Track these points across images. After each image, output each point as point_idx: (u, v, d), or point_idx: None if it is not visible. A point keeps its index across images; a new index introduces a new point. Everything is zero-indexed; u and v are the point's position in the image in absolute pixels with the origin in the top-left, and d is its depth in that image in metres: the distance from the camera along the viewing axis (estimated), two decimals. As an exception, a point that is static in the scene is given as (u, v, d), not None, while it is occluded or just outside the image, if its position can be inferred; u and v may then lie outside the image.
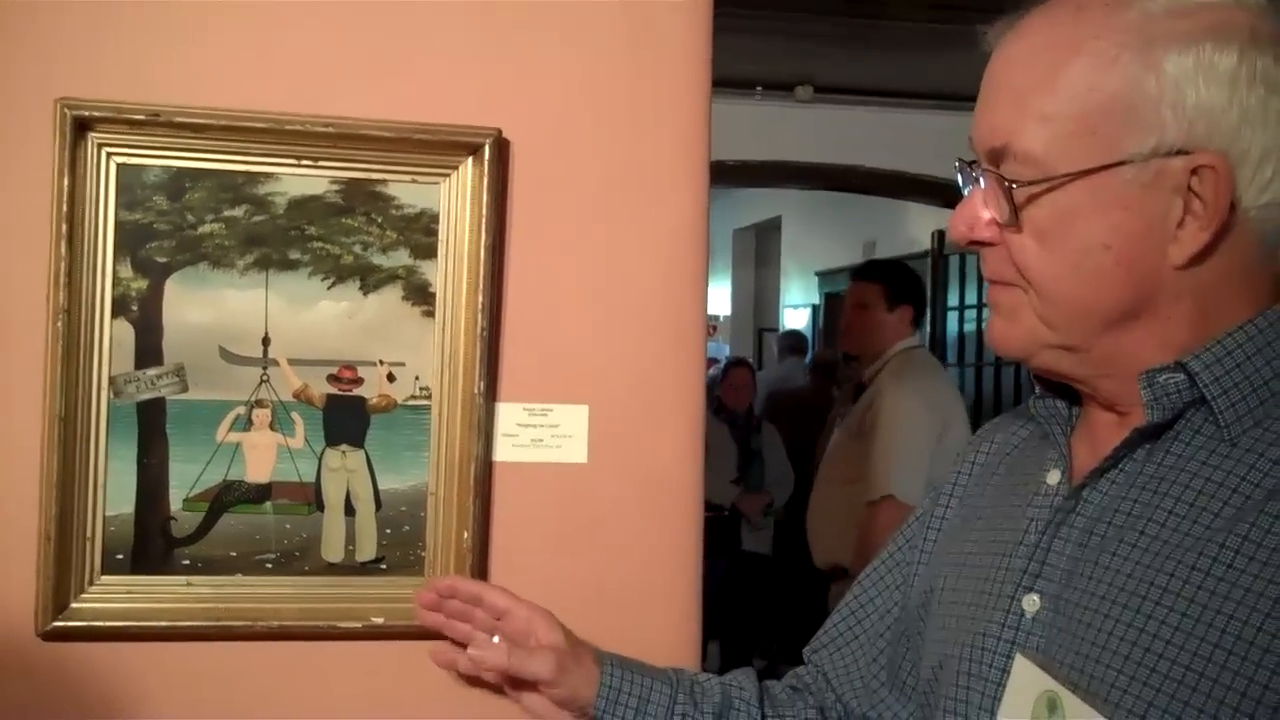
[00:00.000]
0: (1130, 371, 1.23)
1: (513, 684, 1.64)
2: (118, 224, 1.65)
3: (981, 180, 1.26)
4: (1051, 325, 1.25)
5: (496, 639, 1.62)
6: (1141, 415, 1.23)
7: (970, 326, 9.85)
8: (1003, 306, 1.29)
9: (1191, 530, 1.16)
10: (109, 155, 1.64)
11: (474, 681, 1.69)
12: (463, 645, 1.66)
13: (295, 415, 1.71)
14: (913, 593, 1.54)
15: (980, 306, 9.53)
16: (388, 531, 1.73)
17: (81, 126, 1.61)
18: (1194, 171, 1.17)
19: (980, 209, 1.26)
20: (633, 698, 1.59)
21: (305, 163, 1.68)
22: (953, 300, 10.05)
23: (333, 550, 1.72)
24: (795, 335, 11.32)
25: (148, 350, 1.67)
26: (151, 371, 1.67)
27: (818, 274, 12.63)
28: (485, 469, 1.74)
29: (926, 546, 1.55)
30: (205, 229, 1.67)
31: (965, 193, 1.30)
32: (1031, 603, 1.27)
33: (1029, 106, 1.21)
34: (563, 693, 1.59)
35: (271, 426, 1.71)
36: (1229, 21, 1.18)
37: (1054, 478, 1.34)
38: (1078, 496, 1.28)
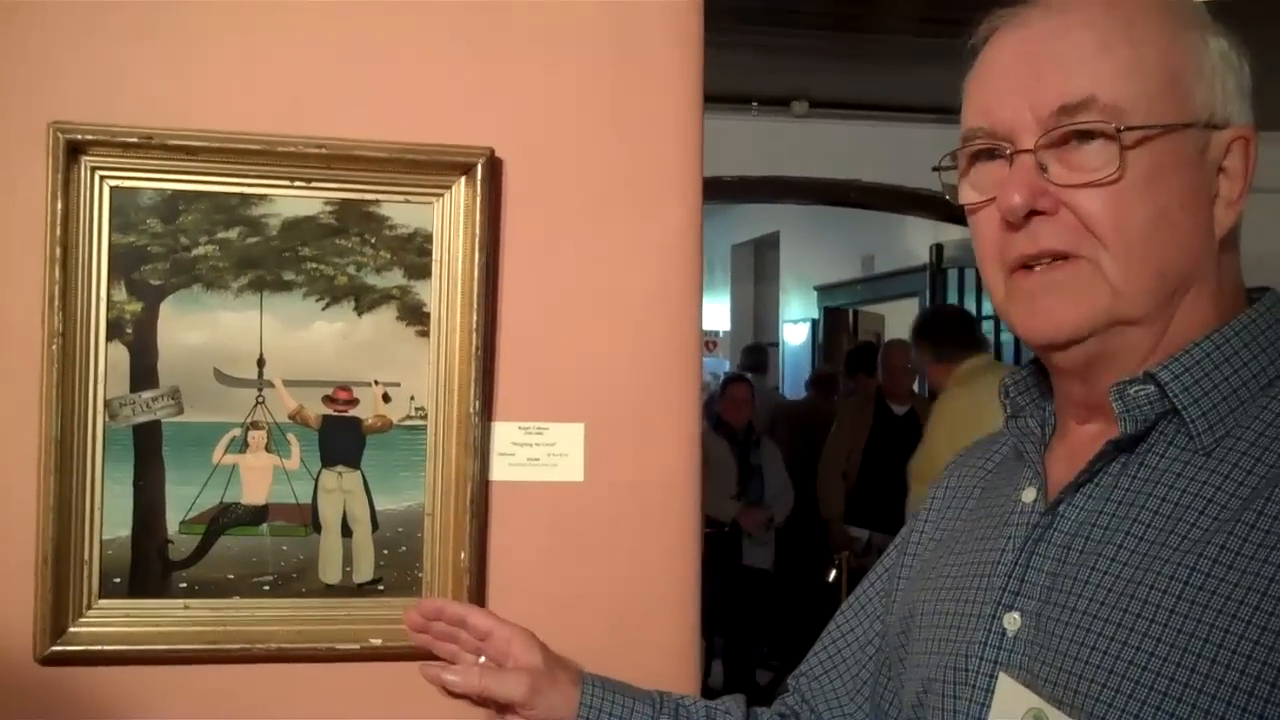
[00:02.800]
0: (1163, 354, 1.24)
1: (496, 706, 1.63)
2: (111, 247, 1.65)
3: (1032, 150, 1.23)
4: (1124, 292, 1.22)
5: (482, 659, 1.63)
6: (1117, 428, 1.24)
7: (970, 340, 9.84)
8: (1061, 284, 1.23)
9: (1169, 541, 1.16)
10: (102, 178, 1.64)
11: (471, 703, 1.69)
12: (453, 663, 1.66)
13: (291, 437, 1.71)
14: (892, 620, 1.53)
15: (979, 320, 9.55)
16: (385, 552, 1.73)
17: (75, 150, 1.61)
18: (1228, 147, 1.24)
19: (1036, 176, 1.22)
20: (613, 718, 1.59)
21: (298, 184, 1.69)
22: (951, 313, 10.04)
23: (330, 572, 1.72)
24: (756, 351, 11.07)
25: (143, 373, 1.67)
26: (147, 394, 1.67)
27: (817, 288, 12.65)
28: (482, 488, 1.73)
29: (904, 574, 1.55)
30: (199, 251, 1.67)
31: (1009, 164, 1.25)
32: (1012, 621, 1.27)
33: (1107, 62, 1.21)
34: (538, 714, 1.58)
35: (267, 448, 1.71)
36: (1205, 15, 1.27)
37: (1029, 495, 1.34)
38: (1054, 512, 1.28)
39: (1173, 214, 1.22)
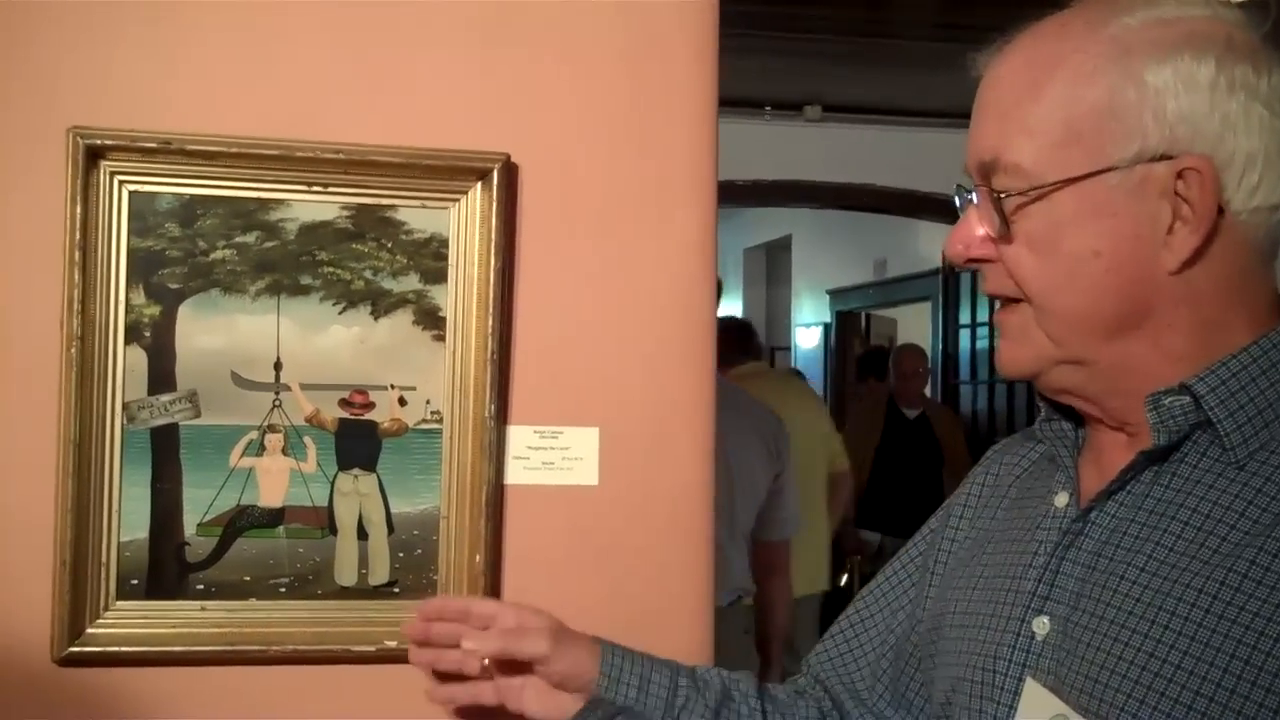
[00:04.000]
0: (1138, 387, 1.23)
1: (511, 669, 1.59)
2: (130, 251, 1.66)
3: (975, 198, 1.28)
4: (1056, 339, 1.25)
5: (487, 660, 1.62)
6: (1148, 437, 1.23)
7: (982, 344, 9.83)
8: (1010, 327, 1.29)
9: (1199, 554, 1.16)
10: (121, 183, 1.65)
11: (486, 707, 1.70)
12: (456, 678, 1.64)
13: (307, 440, 1.72)
14: (924, 615, 1.53)
15: (992, 324, 9.53)
16: (400, 555, 1.74)
17: (94, 155, 1.63)
18: (1180, 176, 1.18)
19: (975, 226, 1.28)
20: (635, 676, 1.56)
21: (316, 189, 1.70)
22: (964, 318, 10.04)
23: (346, 574, 1.73)
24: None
25: (161, 376, 1.68)
26: (165, 397, 1.68)
27: (829, 292, 12.63)
28: (497, 492, 1.74)
29: (937, 569, 1.54)
30: (217, 255, 1.68)
31: (961, 214, 1.31)
32: (1041, 625, 1.27)
33: (1014, 119, 1.23)
34: (563, 667, 1.54)
35: (284, 451, 1.72)
36: (1206, 32, 1.20)
37: (1062, 500, 1.33)
38: (1085, 519, 1.27)
39: (1085, 263, 1.21)
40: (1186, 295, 1.22)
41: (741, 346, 5.64)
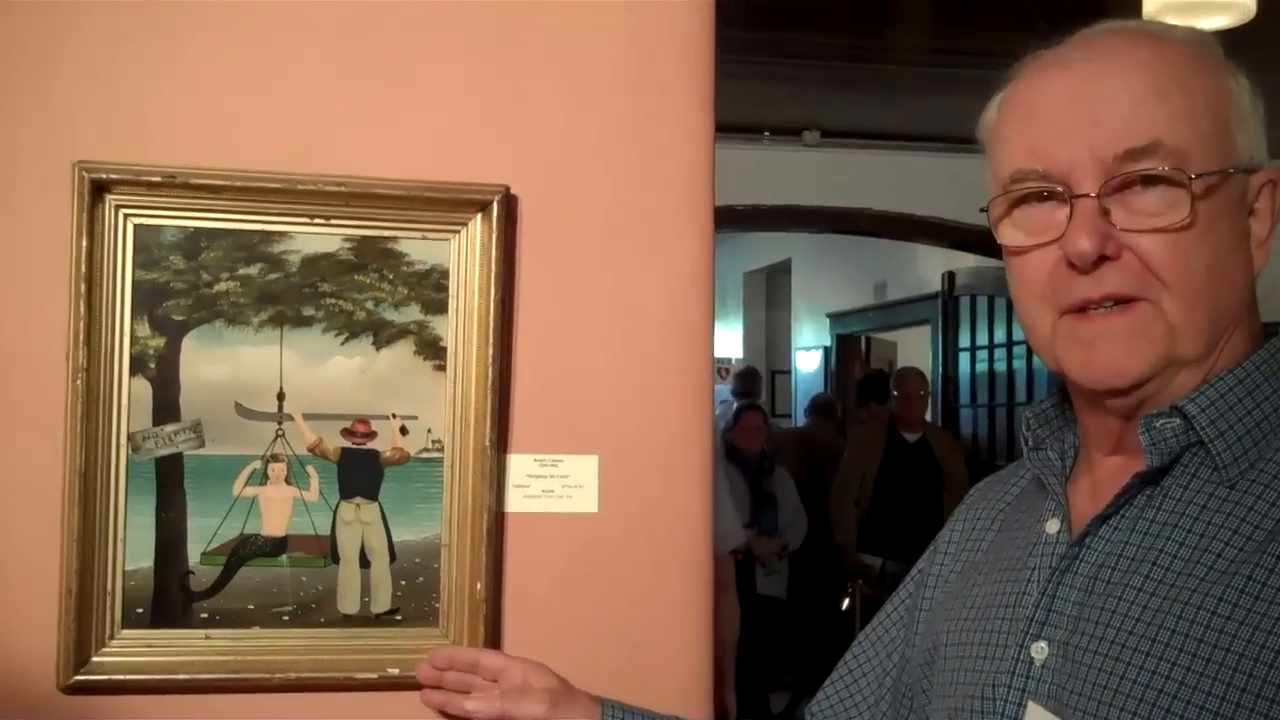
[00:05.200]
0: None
1: None
2: (135, 283, 1.68)
3: (1092, 195, 1.22)
4: (1182, 334, 1.23)
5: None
6: (1142, 460, 1.25)
7: (982, 367, 9.85)
8: (1124, 330, 1.24)
9: (1195, 572, 1.17)
10: (126, 216, 1.67)
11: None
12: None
13: (310, 469, 1.74)
14: (914, 651, 1.53)
15: (992, 347, 9.55)
16: (402, 583, 1.75)
17: (99, 189, 1.65)
18: (1263, 186, 1.26)
19: (1101, 221, 1.22)
20: None
21: (318, 221, 1.72)
22: (964, 341, 10.05)
23: (348, 602, 1.74)
24: (748, 377, 10.78)
25: (165, 407, 1.70)
26: (169, 428, 1.70)
27: (829, 316, 12.64)
28: (497, 520, 1.75)
29: (924, 605, 1.55)
30: (221, 287, 1.70)
31: (1072, 215, 1.24)
32: (1040, 650, 1.27)
33: (1170, 106, 1.22)
34: None
35: (287, 480, 1.73)
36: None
37: (1053, 526, 1.34)
38: (1081, 544, 1.28)
39: (1224, 257, 1.23)
40: (1250, 304, 1.28)
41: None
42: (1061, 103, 1.25)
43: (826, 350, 12.71)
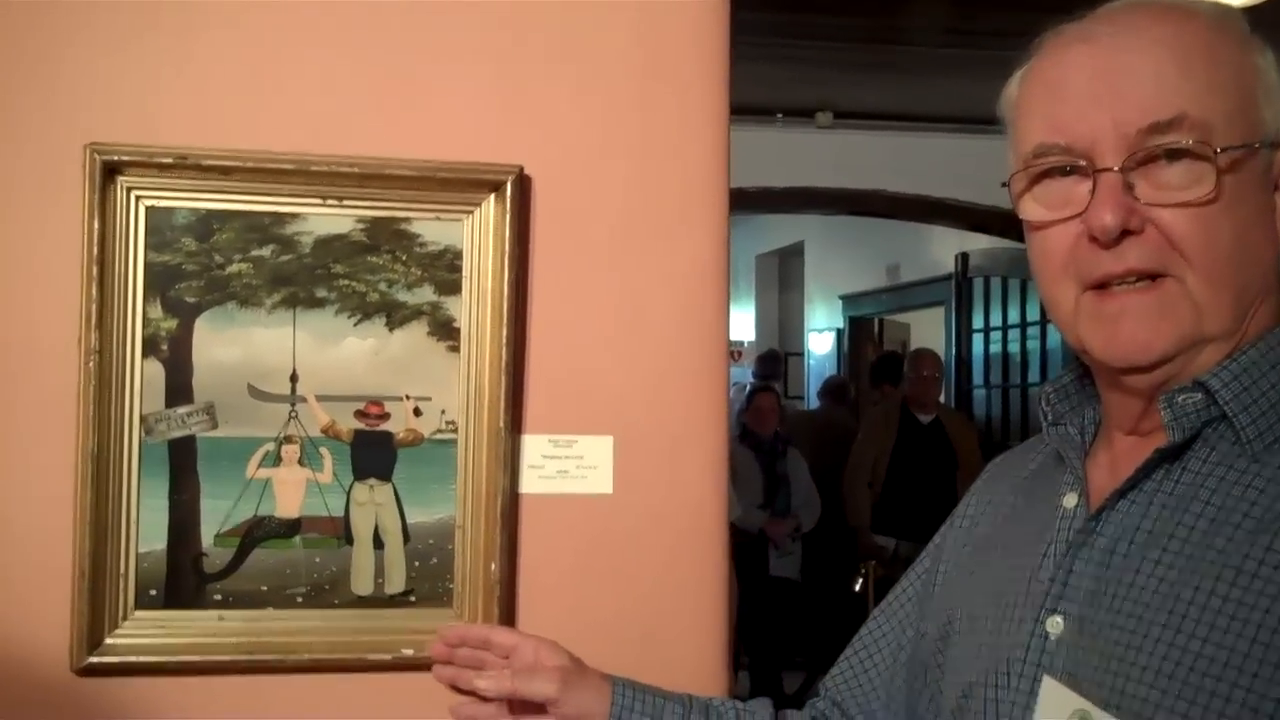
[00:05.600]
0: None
1: (525, 714, 1.64)
2: (147, 265, 1.68)
3: (1118, 169, 1.22)
4: (1208, 311, 1.22)
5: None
6: (1163, 436, 1.24)
7: (995, 348, 9.84)
8: (1148, 306, 1.23)
9: (1214, 544, 1.16)
10: (138, 198, 1.67)
11: (503, 711, 1.71)
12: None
13: (323, 451, 1.73)
14: (929, 625, 1.53)
15: (1005, 328, 9.54)
16: (416, 564, 1.75)
17: (111, 171, 1.64)
18: None
19: (1125, 195, 1.21)
20: (645, 717, 1.59)
21: (331, 202, 1.71)
22: (978, 323, 10.03)
23: (362, 583, 1.74)
24: (770, 360, 10.85)
25: (178, 389, 1.69)
26: (182, 410, 1.70)
27: (842, 298, 12.62)
28: (511, 501, 1.75)
29: (939, 580, 1.55)
30: (233, 269, 1.70)
31: (1095, 189, 1.23)
32: (1055, 624, 1.27)
33: (1196, 79, 1.21)
34: (570, 710, 1.59)
35: (300, 462, 1.73)
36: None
37: (1071, 500, 1.33)
38: (1098, 518, 1.28)
39: (1249, 232, 1.23)
40: (1276, 280, 1.27)
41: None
42: (1084, 76, 1.25)
43: (839, 332, 12.70)
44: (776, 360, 10.84)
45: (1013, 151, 1.33)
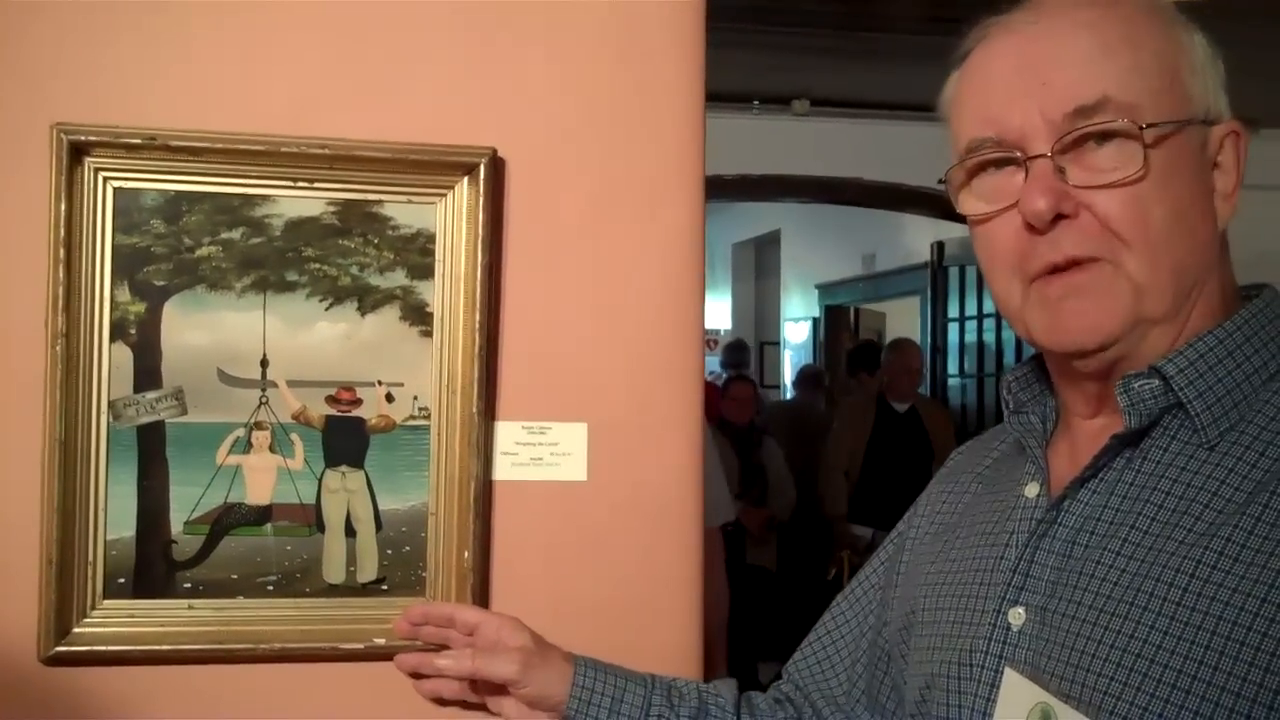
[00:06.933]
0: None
1: (489, 690, 1.65)
2: (115, 248, 1.65)
3: (1049, 155, 1.22)
4: (1148, 291, 1.22)
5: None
6: (1120, 422, 1.24)
7: (971, 337, 9.86)
8: (1086, 287, 1.23)
9: (1174, 535, 1.17)
10: (105, 179, 1.64)
11: (463, 704, 1.70)
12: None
13: (294, 437, 1.72)
14: (892, 614, 1.54)
15: (981, 317, 9.56)
16: (389, 552, 1.73)
17: (78, 151, 1.62)
18: (1222, 140, 1.26)
19: (1056, 180, 1.22)
20: (606, 698, 1.60)
21: (301, 184, 1.69)
22: (953, 311, 10.06)
23: (334, 571, 1.72)
24: (737, 349, 10.76)
25: (146, 373, 1.67)
26: (150, 395, 1.68)
27: (818, 287, 12.64)
28: (485, 488, 1.74)
29: (902, 568, 1.56)
30: (202, 252, 1.68)
31: (1028, 176, 1.24)
32: (1017, 616, 1.27)
33: (1119, 62, 1.22)
34: (532, 691, 1.60)
35: (271, 448, 1.71)
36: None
37: (1032, 490, 1.34)
38: (1059, 507, 1.28)
39: (1185, 210, 1.23)
40: (1219, 259, 1.28)
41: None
42: (1009, 68, 1.26)
43: (815, 321, 12.72)
44: (743, 350, 10.83)
45: (951, 150, 1.35)
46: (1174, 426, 1.23)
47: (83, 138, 1.62)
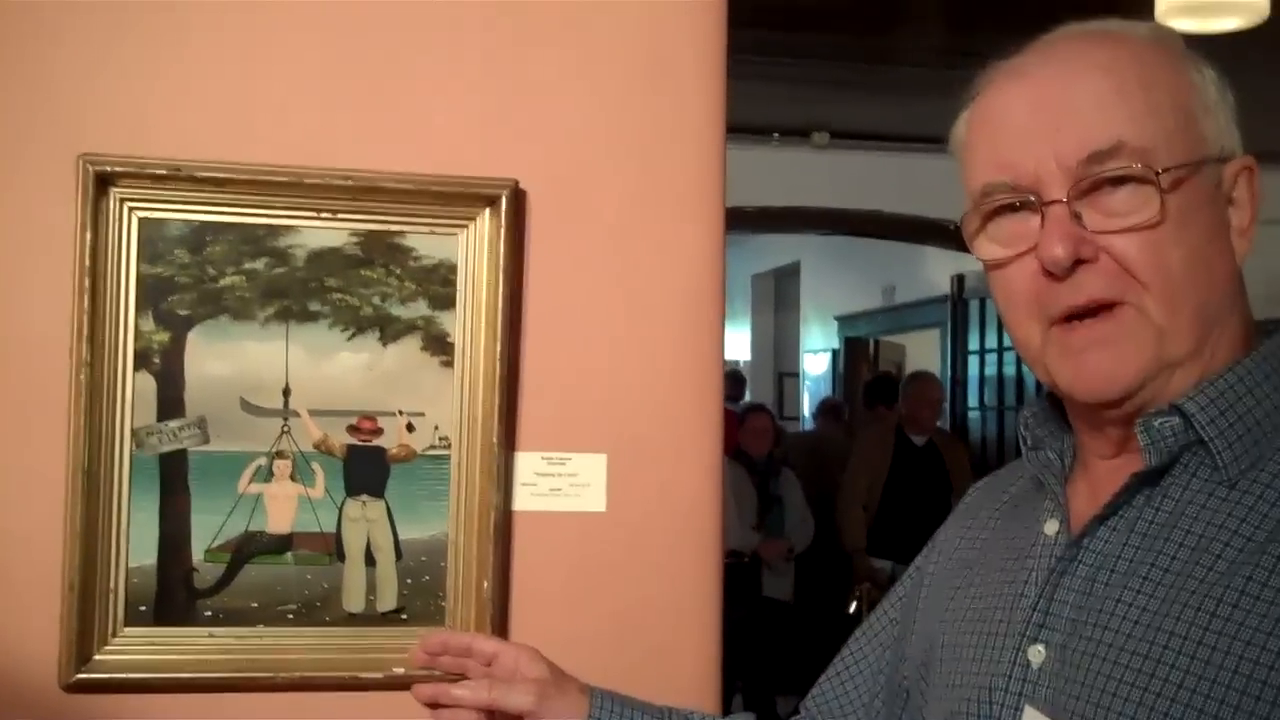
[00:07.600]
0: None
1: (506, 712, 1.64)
2: (140, 278, 1.66)
3: (1064, 200, 1.21)
4: (1169, 334, 1.21)
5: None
6: (1140, 460, 1.24)
7: (991, 370, 9.84)
8: (1109, 338, 1.22)
9: (1194, 573, 1.16)
10: (131, 210, 1.66)
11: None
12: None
13: (316, 466, 1.72)
14: (911, 649, 1.52)
15: (1001, 350, 9.54)
16: (408, 581, 1.74)
17: (104, 181, 1.63)
18: (1239, 174, 1.25)
19: (1073, 226, 1.21)
20: None
21: (325, 215, 1.70)
22: (973, 344, 10.04)
23: (354, 600, 1.73)
24: (732, 380, 10.76)
25: (170, 402, 1.68)
26: (173, 423, 1.68)
27: (837, 318, 12.64)
28: (504, 518, 1.74)
29: (921, 604, 1.54)
30: (226, 282, 1.69)
31: (1046, 221, 1.23)
32: (1037, 654, 1.26)
33: (1134, 104, 1.21)
34: None
35: (292, 477, 1.72)
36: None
37: (1052, 528, 1.32)
38: (1078, 545, 1.27)
39: (1203, 250, 1.22)
40: (1240, 295, 1.27)
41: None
42: (1023, 112, 1.25)
43: (835, 353, 12.71)
44: (739, 382, 10.80)
45: (965, 192, 1.34)
46: (1194, 464, 1.22)
47: (108, 168, 1.63)
